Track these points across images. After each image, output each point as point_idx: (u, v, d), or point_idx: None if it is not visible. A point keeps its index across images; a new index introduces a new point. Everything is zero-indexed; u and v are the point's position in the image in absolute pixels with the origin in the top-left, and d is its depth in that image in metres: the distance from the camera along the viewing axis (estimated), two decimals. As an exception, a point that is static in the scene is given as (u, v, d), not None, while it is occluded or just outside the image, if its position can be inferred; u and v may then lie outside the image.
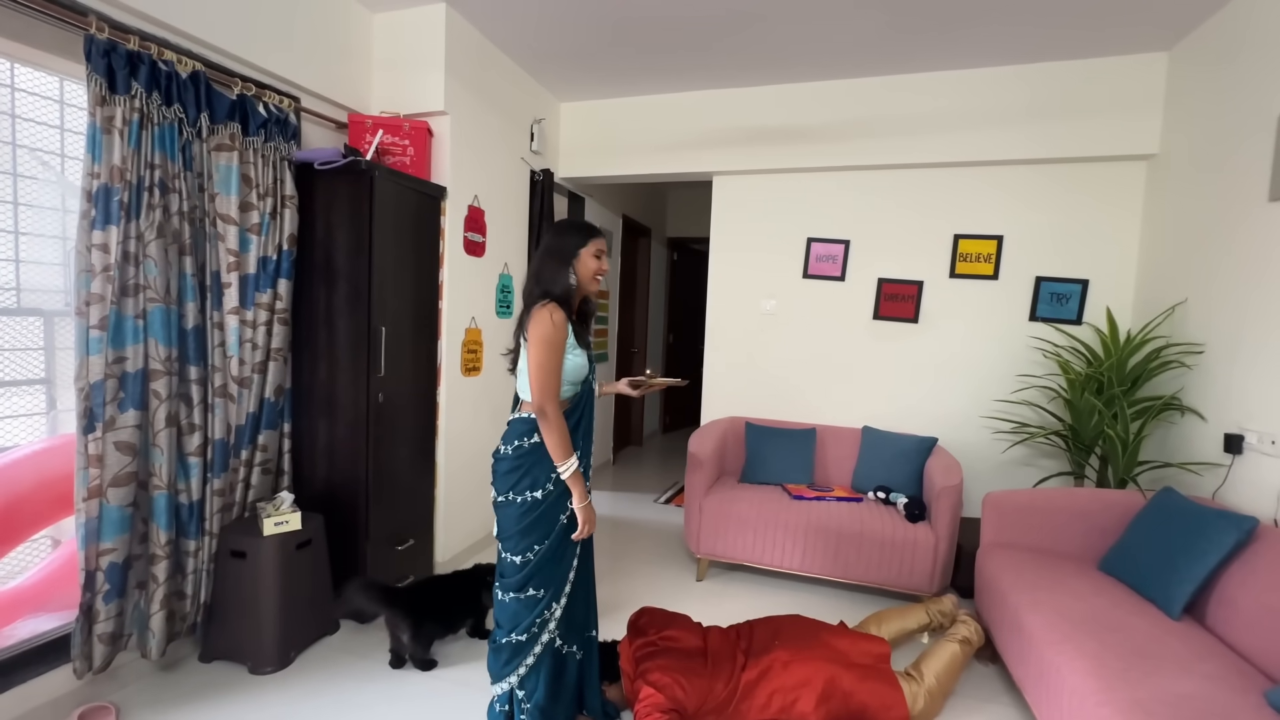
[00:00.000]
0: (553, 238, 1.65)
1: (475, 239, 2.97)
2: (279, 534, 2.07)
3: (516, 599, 1.59)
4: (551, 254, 1.63)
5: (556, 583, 1.62)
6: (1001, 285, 3.19)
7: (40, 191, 1.89)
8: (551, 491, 1.58)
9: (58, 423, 1.97)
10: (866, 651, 1.93)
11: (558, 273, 1.61)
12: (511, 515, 1.58)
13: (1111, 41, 2.75)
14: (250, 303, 2.15)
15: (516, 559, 1.58)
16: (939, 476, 2.62)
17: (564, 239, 1.64)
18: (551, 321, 1.53)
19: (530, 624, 1.59)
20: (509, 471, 1.59)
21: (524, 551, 1.57)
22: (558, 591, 1.62)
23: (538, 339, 1.53)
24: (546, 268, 1.62)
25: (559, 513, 1.60)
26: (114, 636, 1.82)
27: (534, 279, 1.64)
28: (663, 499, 4.24)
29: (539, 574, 1.58)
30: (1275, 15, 2.16)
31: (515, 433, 1.61)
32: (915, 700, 1.80)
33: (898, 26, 2.71)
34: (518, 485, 1.58)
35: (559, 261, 1.61)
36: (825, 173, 3.43)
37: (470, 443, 3.02)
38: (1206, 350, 2.40)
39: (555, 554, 1.60)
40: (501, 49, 3.10)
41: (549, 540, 1.59)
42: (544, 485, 1.58)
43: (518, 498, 1.58)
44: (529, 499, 1.57)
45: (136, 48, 1.77)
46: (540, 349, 1.53)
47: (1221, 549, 1.77)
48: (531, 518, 1.57)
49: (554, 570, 1.61)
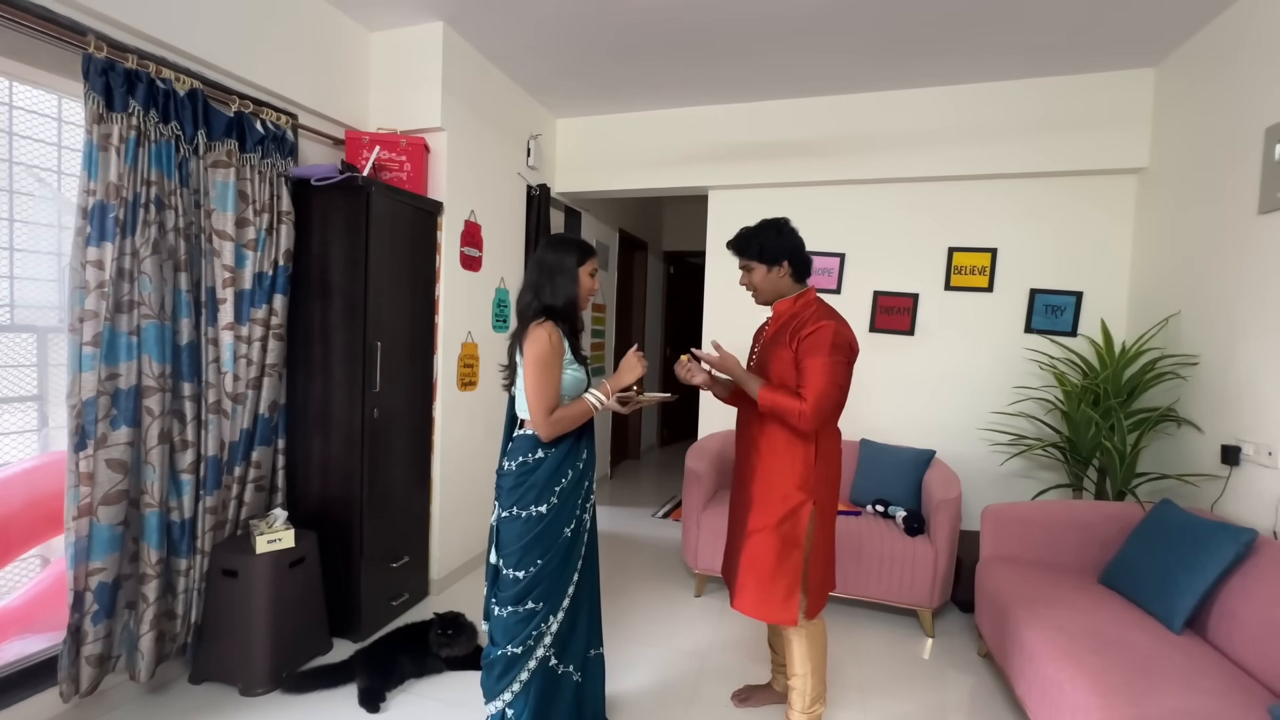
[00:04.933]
0: (551, 253, 1.65)
1: (472, 254, 2.98)
2: (271, 552, 2.05)
3: (515, 613, 1.58)
4: (552, 269, 1.63)
5: (555, 596, 1.61)
6: (996, 297, 3.21)
7: (36, 208, 1.89)
8: (555, 505, 1.59)
9: (49, 440, 1.96)
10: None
11: (560, 286, 1.62)
12: (515, 530, 1.59)
13: (1100, 58, 2.80)
14: (246, 318, 2.15)
15: (519, 574, 1.58)
16: (938, 489, 2.61)
17: (564, 256, 1.64)
18: (549, 340, 1.54)
19: (526, 637, 1.58)
20: (513, 487, 1.60)
21: (526, 566, 1.57)
22: (555, 605, 1.61)
23: (534, 358, 1.54)
24: (548, 282, 1.62)
25: (562, 527, 1.61)
26: (102, 658, 1.79)
27: (532, 293, 1.63)
28: (660, 513, 4.21)
29: (538, 587, 1.58)
30: (1259, 31, 2.20)
31: (519, 450, 1.62)
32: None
33: (892, 44, 2.75)
34: (521, 500, 1.59)
35: (565, 276, 1.62)
36: (820, 186, 3.46)
37: (466, 458, 3.00)
38: (1201, 361, 2.41)
39: (557, 569, 1.61)
40: (498, 66, 3.14)
41: (550, 554, 1.59)
42: (547, 500, 1.59)
43: (521, 513, 1.58)
44: (533, 514, 1.58)
45: (135, 66, 1.79)
46: (537, 369, 1.53)
47: (1221, 562, 1.76)
48: (535, 532, 1.57)
49: (554, 584, 1.61)
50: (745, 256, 1.80)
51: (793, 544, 1.69)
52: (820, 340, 1.63)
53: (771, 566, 1.70)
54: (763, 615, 1.73)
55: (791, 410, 1.61)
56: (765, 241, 1.75)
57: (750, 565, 1.74)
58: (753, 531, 1.74)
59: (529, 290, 1.64)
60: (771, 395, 1.65)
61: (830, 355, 1.62)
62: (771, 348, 1.77)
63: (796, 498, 1.69)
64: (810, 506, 1.69)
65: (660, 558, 3.38)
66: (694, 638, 2.51)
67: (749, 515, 1.76)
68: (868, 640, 2.54)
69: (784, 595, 1.70)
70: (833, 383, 1.62)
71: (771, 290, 1.81)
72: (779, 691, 2.07)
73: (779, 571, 1.70)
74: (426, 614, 2.32)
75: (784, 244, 1.76)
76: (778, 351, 1.73)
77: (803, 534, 1.69)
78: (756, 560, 1.73)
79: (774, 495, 1.72)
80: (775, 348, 1.74)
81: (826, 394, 1.61)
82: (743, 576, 1.76)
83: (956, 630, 2.65)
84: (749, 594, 1.74)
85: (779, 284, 1.79)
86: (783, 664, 2.05)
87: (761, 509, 1.73)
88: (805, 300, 1.79)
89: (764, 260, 1.76)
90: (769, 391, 1.66)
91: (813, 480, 1.70)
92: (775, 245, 1.75)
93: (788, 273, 1.78)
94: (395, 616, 2.56)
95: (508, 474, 1.62)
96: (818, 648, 1.79)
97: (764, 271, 1.78)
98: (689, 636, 2.52)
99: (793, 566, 1.69)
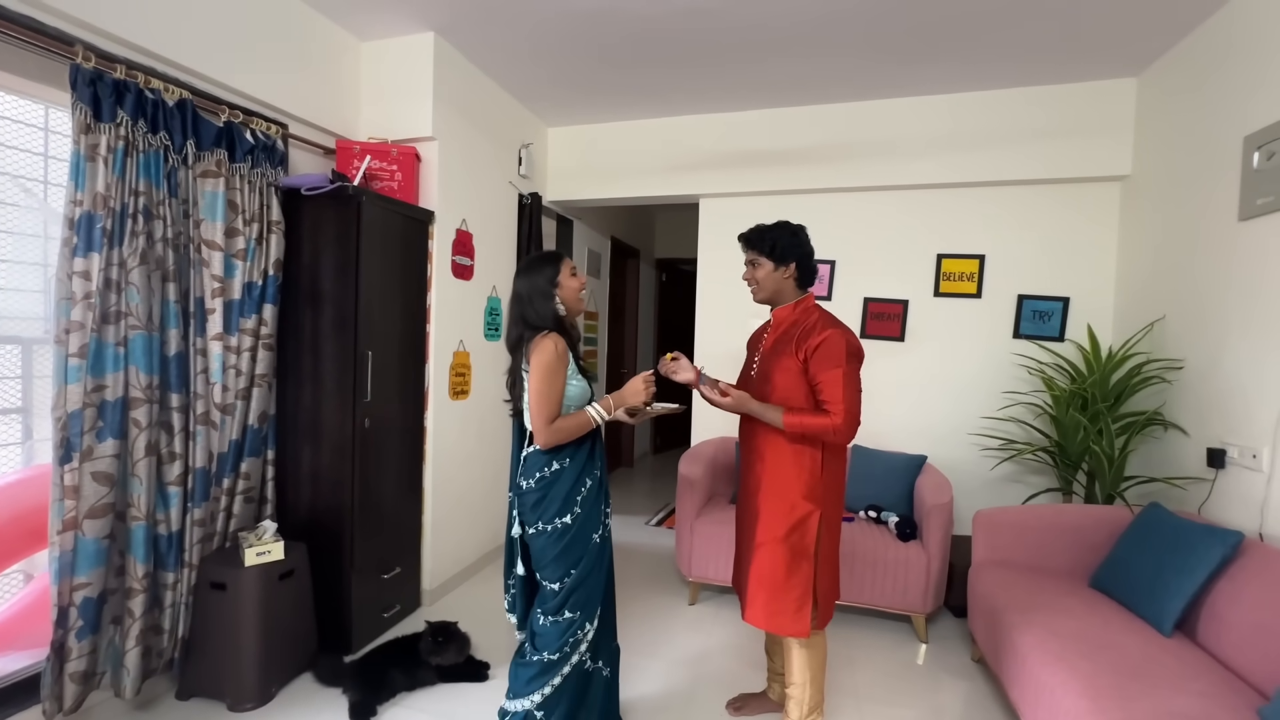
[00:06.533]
0: (522, 282, 1.68)
1: (463, 262, 2.98)
2: (261, 564, 2.02)
3: (556, 622, 1.61)
4: (531, 294, 1.65)
5: (591, 603, 1.64)
6: (985, 303, 3.24)
7: (22, 218, 1.87)
8: (579, 515, 1.62)
9: (33, 453, 1.93)
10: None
11: (543, 307, 1.64)
12: (546, 543, 1.61)
13: (1084, 69, 2.85)
14: (235, 328, 2.13)
15: (555, 585, 1.61)
16: (929, 495, 2.62)
17: (537, 276, 1.66)
18: (554, 350, 1.57)
19: (563, 644, 1.61)
20: (536, 503, 1.62)
21: (562, 577, 1.61)
22: (591, 612, 1.64)
23: (540, 366, 1.56)
24: (529, 309, 1.65)
25: (590, 533, 1.65)
26: (86, 675, 1.76)
27: (520, 324, 1.66)
28: (654, 521, 4.20)
29: (575, 595, 1.61)
30: (1237, 42, 2.24)
31: (534, 465, 1.63)
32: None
33: (880, 54, 2.79)
34: (545, 514, 1.61)
35: (542, 297, 1.64)
36: (810, 194, 3.49)
37: (458, 467, 2.99)
38: (1186, 366, 2.44)
39: (591, 575, 1.64)
40: (489, 76, 3.15)
41: (584, 562, 1.62)
42: (571, 509, 1.61)
43: (547, 526, 1.60)
44: (558, 525, 1.60)
45: (123, 76, 1.78)
46: (541, 376, 1.56)
47: (1209, 565, 1.78)
48: (565, 542, 1.60)
49: (590, 591, 1.64)
50: (755, 250, 1.80)
51: (802, 555, 1.68)
52: (833, 351, 1.63)
53: (782, 578, 1.69)
54: (774, 628, 1.71)
55: (825, 428, 1.60)
56: (779, 239, 1.76)
57: (760, 577, 1.72)
58: (761, 544, 1.73)
59: (516, 324, 1.67)
60: (798, 420, 1.63)
61: (847, 364, 1.62)
62: (774, 357, 1.75)
63: (804, 508, 1.68)
64: (818, 516, 1.68)
65: (654, 566, 3.37)
66: (688, 646, 2.50)
67: (757, 527, 1.75)
68: (861, 646, 2.54)
69: (796, 607, 1.68)
70: (855, 391, 1.63)
71: (773, 290, 1.80)
72: (775, 700, 2.07)
73: (790, 583, 1.68)
74: (418, 625, 2.30)
75: (796, 247, 1.76)
76: (782, 361, 1.72)
77: (811, 544, 1.68)
78: (766, 572, 1.71)
79: (781, 506, 1.70)
80: (779, 357, 1.73)
81: (854, 404, 1.61)
82: (753, 589, 1.74)
83: (950, 635, 2.66)
84: (760, 606, 1.73)
85: (782, 285, 1.79)
86: (779, 672, 2.04)
87: (769, 520, 1.72)
88: (806, 307, 1.79)
89: (773, 258, 1.76)
90: (794, 416, 1.63)
91: (819, 490, 1.69)
92: (787, 245, 1.76)
93: (793, 276, 1.78)
94: (387, 628, 2.54)
95: (529, 492, 1.63)
96: (817, 657, 1.78)
97: (770, 269, 1.78)
98: (683, 644, 2.51)
99: (803, 578, 1.68)
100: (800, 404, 1.68)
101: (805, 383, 1.68)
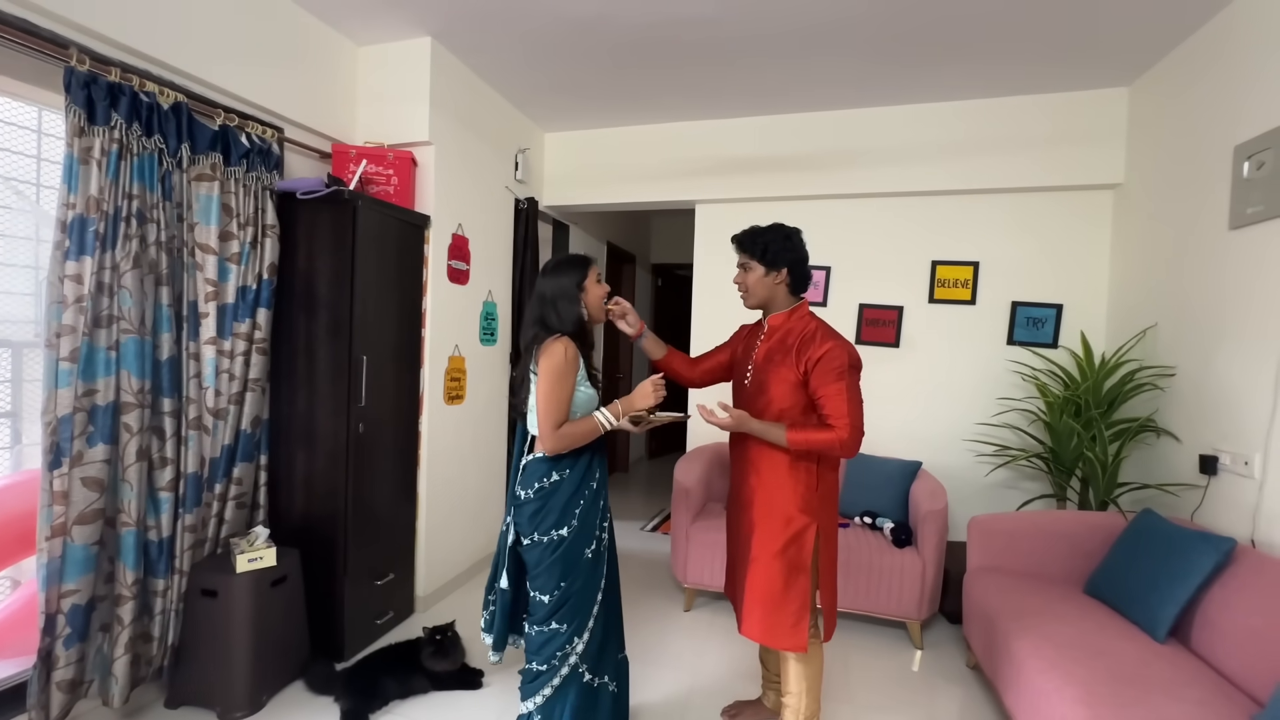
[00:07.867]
0: (549, 282, 1.64)
1: (459, 267, 2.97)
2: (253, 571, 2.00)
3: (542, 632, 1.60)
4: (557, 296, 1.62)
5: (580, 617, 1.61)
6: (979, 310, 3.26)
7: (14, 221, 1.86)
8: (575, 528, 1.60)
9: (22, 458, 1.91)
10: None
11: (567, 310, 1.62)
12: (540, 555, 1.59)
13: (1076, 78, 2.88)
14: (228, 333, 2.12)
15: (545, 597, 1.59)
16: (924, 500, 2.62)
17: (564, 278, 1.64)
18: (565, 354, 1.55)
19: (550, 655, 1.59)
20: (534, 514, 1.60)
21: (552, 590, 1.58)
22: (580, 626, 1.61)
23: (549, 370, 1.54)
24: (552, 311, 1.62)
25: (583, 549, 1.62)
26: (74, 684, 1.73)
27: (538, 325, 1.63)
28: (649, 527, 4.19)
29: (562, 609, 1.59)
30: (1228, 52, 2.27)
31: (534, 475, 1.62)
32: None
33: (876, 64, 2.81)
34: (542, 525, 1.59)
35: (568, 300, 1.62)
36: (806, 201, 3.50)
37: (453, 473, 2.97)
38: (1178, 373, 2.46)
39: (580, 590, 1.61)
40: (486, 81, 3.15)
41: (573, 577, 1.60)
42: (568, 522, 1.59)
43: (543, 538, 1.59)
44: (554, 537, 1.58)
45: (118, 79, 1.77)
46: (550, 380, 1.54)
47: (1202, 571, 1.78)
48: (556, 555, 1.58)
49: (578, 606, 1.61)
50: (746, 253, 1.75)
51: (799, 569, 1.65)
52: (835, 364, 1.60)
53: (779, 593, 1.66)
54: (771, 642, 1.68)
55: (831, 443, 1.58)
56: (771, 243, 1.71)
57: (756, 592, 1.69)
58: (757, 558, 1.69)
59: (534, 324, 1.64)
60: (803, 436, 1.60)
61: (849, 377, 1.61)
62: (770, 368, 1.71)
63: (800, 521, 1.65)
64: (814, 529, 1.65)
65: (649, 571, 3.36)
66: (683, 652, 2.49)
67: (751, 540, 1.71)
68: (857, 653, 2.53)
69: (793, 621, 1.65)
70: (858, 404, 1.61)
71: (764, 296, 1.77)
72: (770, 708, 2.06)
73: (787, 597, 1.65)
74: (412, 632, 2.28)
75: (789, 251, 1.72)
76: (779, 371, 1.68)
77: (808, 558, 1.66)
78: (763, 587, 1.68)
79: (776, 519, 1.67)
80: (775, 368, 1.70)
81: (858, 418, 1.59)
82: (749, 603, 1.71)
83: (945, 641, 2.65)
84: (757, 621, 1.69)
85: (773, 291, 1.75)
86: (774, 680, 2.03)
87: (764, 534, 1.68)
88: (800, 315, 1.76)
89: (764, 262, 1.72)
90: (798, 433, 1.60)
91: (815, 502, 1.67)
92: (779, 250, 1.71)
93: (785, 281, 1.74)
94: (380, 635, 2.51)
95: (527, 501, 1.61)
96: (814, 667, 1.77)
97: (761, 274, 1.74)
98: (679, 651, 2.50)
99: (800, 591, 1.66)
100: (797, 416, 1.66)
101: (803, 395, 1.65)
